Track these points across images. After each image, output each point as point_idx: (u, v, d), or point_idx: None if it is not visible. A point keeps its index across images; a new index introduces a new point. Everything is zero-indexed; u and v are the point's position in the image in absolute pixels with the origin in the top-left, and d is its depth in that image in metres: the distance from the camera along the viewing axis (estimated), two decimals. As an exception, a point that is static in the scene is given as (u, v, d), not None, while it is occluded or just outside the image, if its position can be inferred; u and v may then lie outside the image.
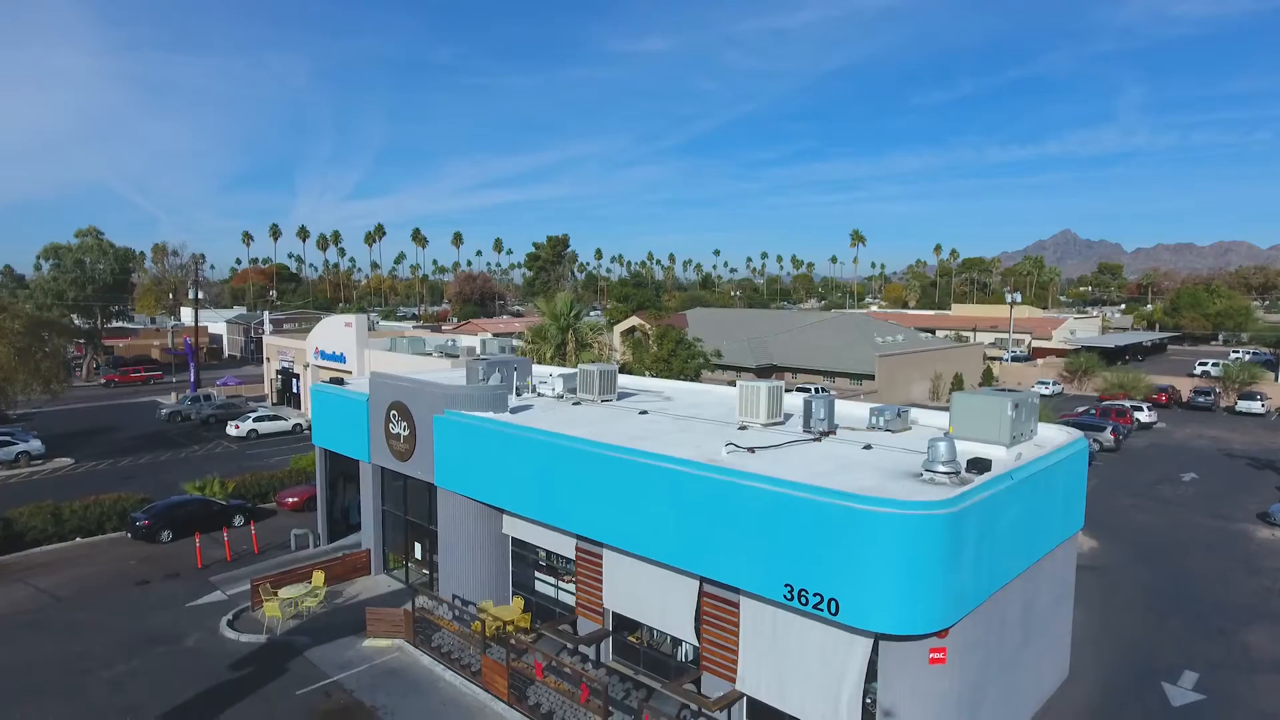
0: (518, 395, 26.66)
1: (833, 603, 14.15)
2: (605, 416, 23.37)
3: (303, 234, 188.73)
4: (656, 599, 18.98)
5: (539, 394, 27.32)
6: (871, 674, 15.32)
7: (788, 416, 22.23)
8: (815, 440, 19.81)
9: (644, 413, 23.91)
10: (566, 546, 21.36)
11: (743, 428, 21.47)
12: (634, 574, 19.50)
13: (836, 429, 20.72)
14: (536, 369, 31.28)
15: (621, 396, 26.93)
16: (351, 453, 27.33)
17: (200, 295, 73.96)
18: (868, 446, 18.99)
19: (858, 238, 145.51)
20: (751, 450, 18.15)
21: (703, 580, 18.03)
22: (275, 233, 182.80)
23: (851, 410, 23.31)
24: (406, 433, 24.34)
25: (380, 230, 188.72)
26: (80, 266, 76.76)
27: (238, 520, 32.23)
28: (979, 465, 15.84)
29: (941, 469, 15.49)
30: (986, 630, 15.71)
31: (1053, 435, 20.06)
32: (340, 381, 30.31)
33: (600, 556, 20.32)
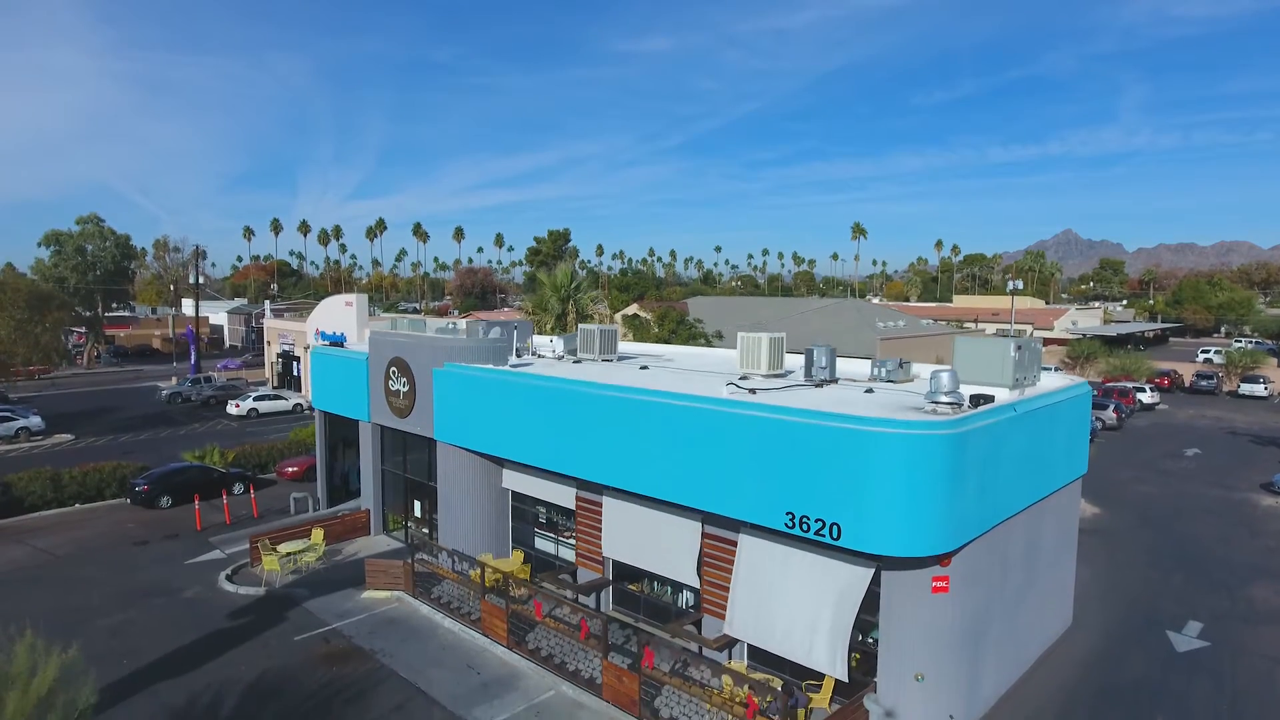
0: (518, 356, 26.55)
1: (834, 527, 14.03)
2: (606, 373, 23.24)
3: (304, 229, 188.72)
4: (657, 544, 18.87)
5: (539, 356, 27.20)
6: (873, 608, 15.22)
7: (788, 373, 22.11)
8: (816, 387, 19.70)
9: (644, 368, 23.79)
10: (566, 497, 21.26)
11: (744, 379, 21.35)
12: (634, 520, 19.40)
13: (838, 381, 20.60)
14: (536, 338, 31.15)
15: (622, 359, 26.81)
16: (351, 413, 27.23)
17: (201, 281, 73.89)
18: (869, 390, 18.90)
19: (859, 230, 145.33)
20: (752, 391, 18.04)
21: (704, 521, 17.96)
22: (276, 227, 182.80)
23: (853, 367, 23.24)
24: (406, 389, 24.24)
25: (381, 225, 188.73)
26: (81, 253, 76.74)
27: (237, 488, 32.12)
28: (982, 399, 15.73)
29: (944, 399, 15.37)
30: (989, 563, 15.59)
31: (1056, 381, 19.95)
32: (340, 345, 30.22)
33: (600, 505, 20.23)
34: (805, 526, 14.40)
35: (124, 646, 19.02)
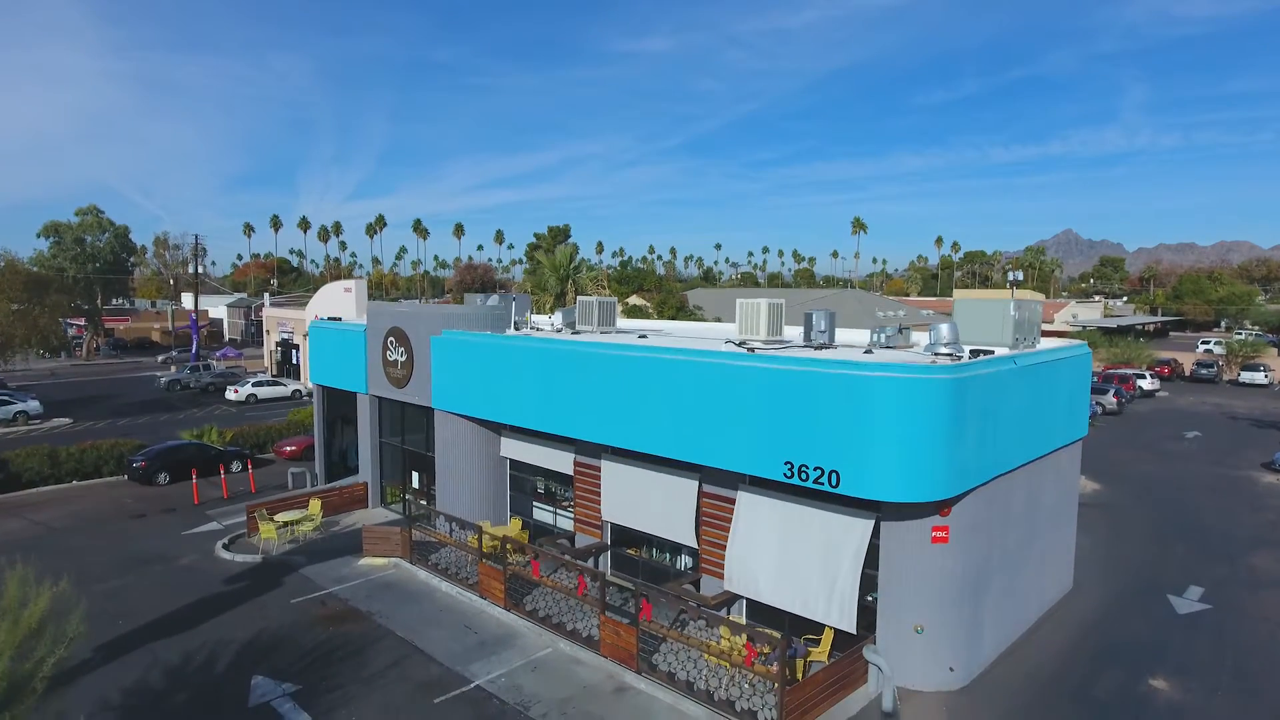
0: (516, 330, 26.44)
1: (833, 475, 13.94)
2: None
3: (304, 225, 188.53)
4: (656, 505, 18.78)
5: (537, 330, 27.10)
6: (872, 563, 15.13)
7: (788, 342, 21.99)
8: (815, 350, 19.58)
9: (643, 336, 23.69)
10: (564, 462, 21.18)
11: (742, 344, 21.25)
12: (633, 482, 19.32)
13: (837, 346, 20.49)
14: (536, 317, 31.05)
15: (621, 332, 26.70)
16: (349, 385, 27.13)
17: (200, 270, 73.81)
18: (868, 351, 18.77)
19: (859, 225, 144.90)
20: (751, 350, 17.94)
21: (701, 480, 17.88)
22: (276, 224, 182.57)
23: (852, 335, 23.15)
24: (404, 358, 24.16)
25: (381, 221, 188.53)
26: (80, 244, 76.63)
27: (235, 466, 32.01)
28: (981, 353, 15.67)
29: (944, 350, 15.30)
30: (989, 516, 15.49)
31: (1055, 343, 19.87)
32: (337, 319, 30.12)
33: (598, 469, 20.14)
34: (804, 475, 14.31)
35: (120, 609, 18.95)
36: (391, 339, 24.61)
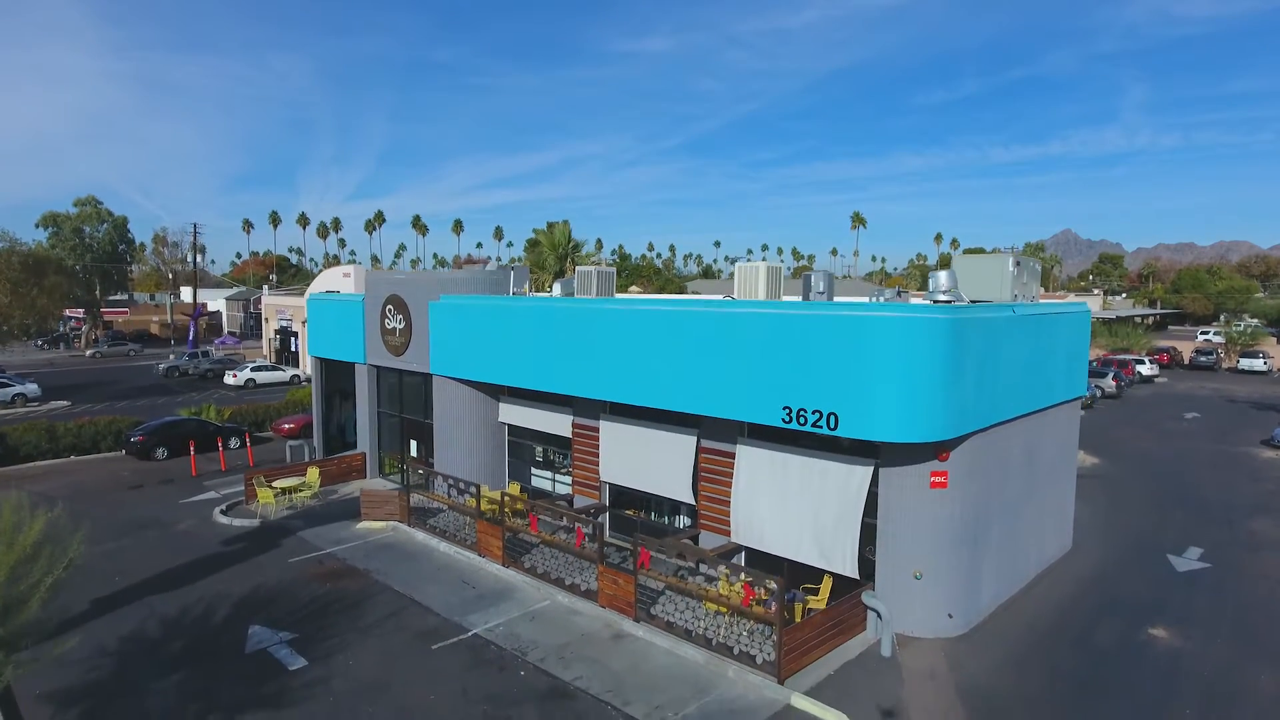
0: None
1: (832, 417, 13.90)
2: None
3: (303, 221, 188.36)
4: (654, 463, 18.76)
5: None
6: (871, 512, 15.09)
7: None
8: (814, 309, 19.57)
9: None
10: (563, 425, 21.14)
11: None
12: (631, 441, 19.29)
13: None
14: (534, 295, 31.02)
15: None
16: (347, 356, 27.08)
17: (200, 257, 73.72)
18: (868, 308, 18.77)
19: (858, 220, 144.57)
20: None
21: (700, 436, 17.85)
22: (275, 220, 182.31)
23: (851, 299, 23.12)
24: (402, 325, 24.12)
25: (380, 217, 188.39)
26: (79, 235, 76.53)
27: (234, 442, 31.96)
28: (980, 302, 15.64)
29: (943, 297, 15.28)
30: (988, 464, 15.45)
31: (1055, 300, 19.82)
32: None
33: (597, 430, 20.11)
34: (802, 419, 14.27)
35: (116, 568, 18.91)
36: (390, 307, 24.56)
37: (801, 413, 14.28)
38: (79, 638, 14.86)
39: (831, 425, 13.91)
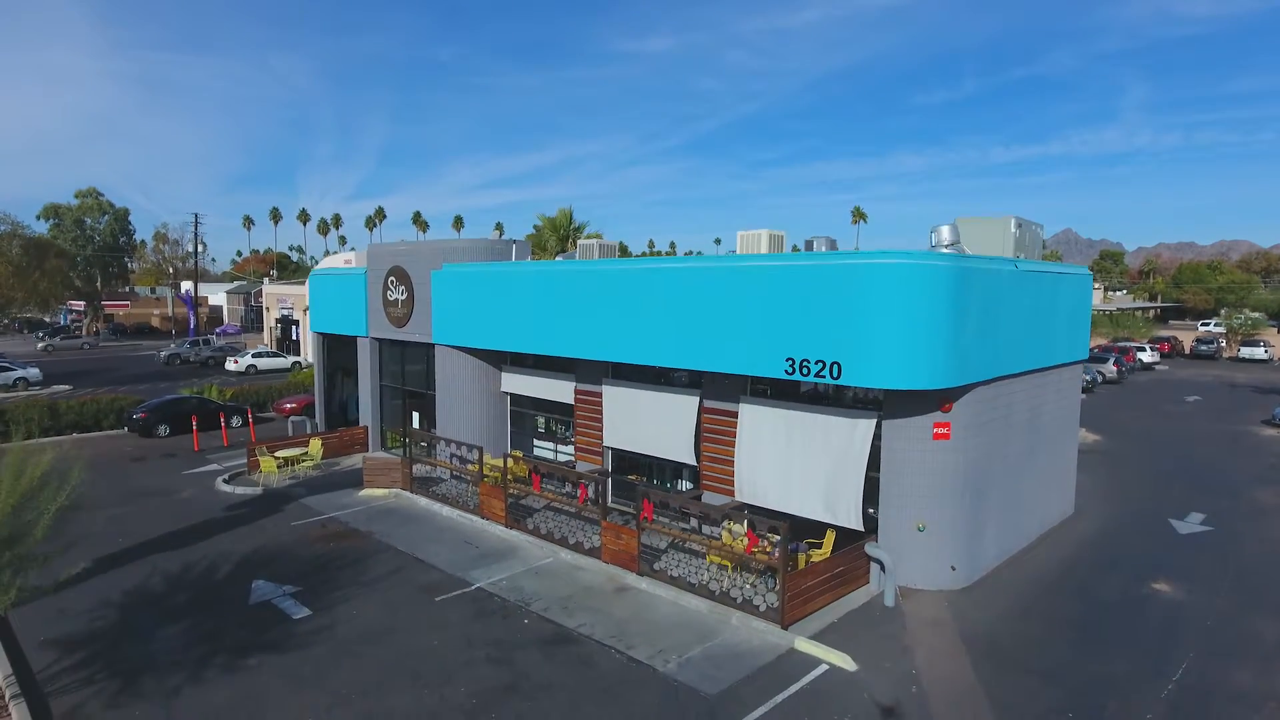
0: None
1: (835, 366, 13.91)
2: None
3: (303, 217, 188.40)
4: (657, 426, 18.77)
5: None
6: (874, 466, 15.10)
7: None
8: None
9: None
10: (565, 392, 21.17)
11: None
12: (634, 405, 19.31)
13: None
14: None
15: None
16: (349, 330, 27.11)
17: (201, 248, 73.78)
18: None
19: (859, 214, 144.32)
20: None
21: (702, 396, 17.87)
22: (276, 216, 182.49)
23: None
24: (404, 297, 24.14)
25: (380, 214, 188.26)
26: (80, 226, 76.55)
27: (235, 420, 32.00)
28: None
29: (945, 250, 15.29)
30: (992, 417, 15.48)
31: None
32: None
33: (599, 395, 20.13)
34: (805, 370, 14.28)
35: (120, 530, 18.95)
36: (392, 279, 24.59)
37: (805, 363, 14.29)
38: (82, 593, 14.97)
39: (835, 375, 13.92)
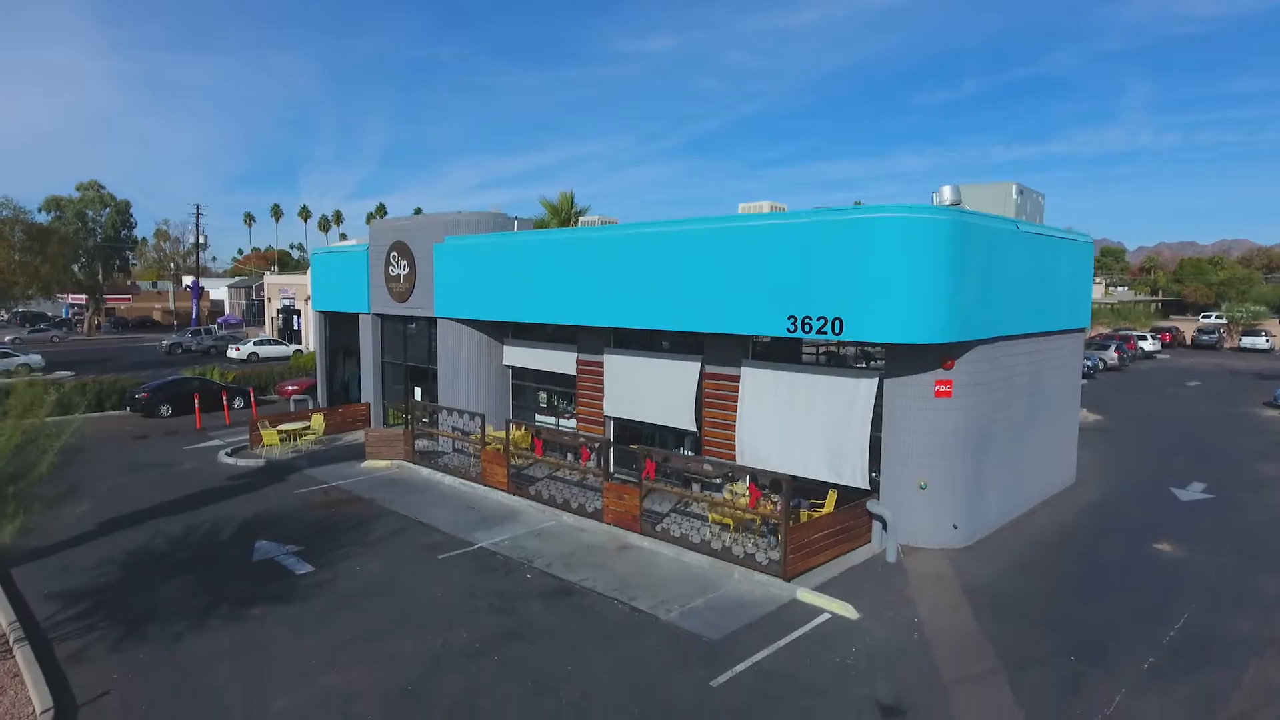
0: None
1: (837, 322, 13.93)
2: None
3: (304, 214, 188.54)
4: (659, 394, 18.79)
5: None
6: (876, 428, 15.12)
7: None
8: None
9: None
10: (567, 363, 21.19)
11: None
12: (636, 373, 19.33)
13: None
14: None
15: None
16: (352, 307, 27.14)
17: (204, 240, 73.85)
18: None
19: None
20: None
21: (704, 362, 17.89)
22: (277, 213, 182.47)
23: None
24: (406, 271, 24.17)
25: (381, 210, 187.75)
26: (81, 219, 76.56)
27: (238, 402, 32.04)
28: (984, 218, 15.66)
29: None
30: (993, 377, 15.50)
31: (1059, 235, 19.88)
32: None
33: (601, 365, 20.16)
34: (807, 327, 14.31)
35: (123, 499, 18.97)
36: (394, 254, 24.63)
37: (806, 320, 14.32)
38: (85, 552, 15.02)
39: (837, 330, 13.95)
